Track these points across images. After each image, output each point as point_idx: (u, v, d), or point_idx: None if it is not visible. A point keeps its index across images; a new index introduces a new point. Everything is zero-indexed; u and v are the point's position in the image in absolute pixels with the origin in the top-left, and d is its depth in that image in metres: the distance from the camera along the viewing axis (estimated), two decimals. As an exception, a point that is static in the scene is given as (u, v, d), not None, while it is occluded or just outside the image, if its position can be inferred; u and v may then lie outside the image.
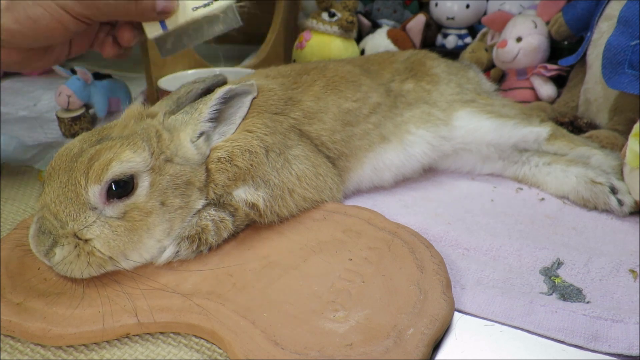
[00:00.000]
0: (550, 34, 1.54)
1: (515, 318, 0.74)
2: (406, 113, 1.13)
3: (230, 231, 0.87)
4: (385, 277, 0.78)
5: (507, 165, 1.20)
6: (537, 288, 0.82)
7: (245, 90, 0.94)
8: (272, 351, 0.64)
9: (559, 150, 1.17)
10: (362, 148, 1.08)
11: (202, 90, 0.97)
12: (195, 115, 0.89)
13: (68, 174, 0.76)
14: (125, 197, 0.77)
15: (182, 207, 0.84)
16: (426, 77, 1.21)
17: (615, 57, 1.12)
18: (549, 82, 1.52)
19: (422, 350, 0.65)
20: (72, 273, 0.74)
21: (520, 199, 1.12)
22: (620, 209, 1.02)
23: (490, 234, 0.96)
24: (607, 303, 0.78)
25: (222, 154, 0.89)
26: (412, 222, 0.98)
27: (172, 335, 0.72)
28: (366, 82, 1.13)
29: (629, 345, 0.69)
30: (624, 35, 1.11)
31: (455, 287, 0.80)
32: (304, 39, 1.78)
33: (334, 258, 0.83)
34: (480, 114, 1.15)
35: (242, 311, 0.71)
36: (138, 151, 0.78)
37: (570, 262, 0.87)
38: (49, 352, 0.69)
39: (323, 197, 0.98)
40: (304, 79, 1.09)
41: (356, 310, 0.71)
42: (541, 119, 1.23)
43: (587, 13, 1.41)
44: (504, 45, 1.54)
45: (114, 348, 0.70)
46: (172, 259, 0.81)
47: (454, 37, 1.87)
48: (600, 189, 1.04)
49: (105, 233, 0.75)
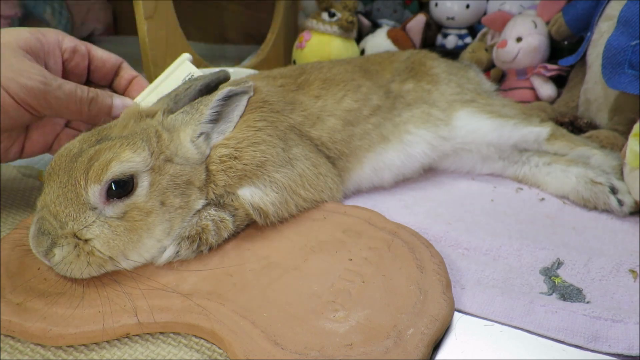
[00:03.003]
0: (550, 34, 1.54)
1: (515, 318, 0.74)
2: (406, 113, 1.13)
3: (231, 231, 0.87)
4: (385, 277, 0.78)
5: (507, 165, 1.20)
6: (537, 288, 0.82)
7: (244, 90, 0.94)
8: (272, 351, 0.64)
9: (559, 150, 1.17)
10: (362, 148, 1.08)
11: (201, 87, 0.96)
12: (195, 116, 0.89)
13: (68, 174, 0.76)
14: (125, 197, 0.77)
15: (182, 207, 0.84)
16: (426, 77, 1.21)
17: (615, 57, 1.12)
18: (549, 82, 1.52)
19: (422, 350, 0.65)
20: (72, 273, 0.74)
21: (520, 199, 1.12)
22: (620, 209, 1.02)
23: (490, 234, 0.96)
24: (607, 303, 0.78)
25: (225, 151, 0.89)
26: (412, 222, 0.98)
27: (172, 335, 0.72)
28: (366, 83, 1.13)
29: (629, 345, 0.69)
30: (624, 35, 1.11)
31: (455, 287, 0.80)
32: (304, 39, 1.78)
33: (334, 258, 0.83)
34: (481, 114, 1.15)
35: (242, 311, 0.71)
36: (138, 151, 0.78)
37: (570, 262, 0.87)
38: (49, 352, 0.69)
39: (323, 197, 0.98)
40: (304, 79, 1.09)
41: (356, 310, 0.71)
42: (541, 119, 1.23)
43: (587, 13, 1.41)
44: (504, 45, 1.54)
45: (114, 348, 0.70)
46: (172, 259, 0.81)
47: (454, 37, 1.87)
48: (600, 189, 1.04)
49: (105, 233, 0.75)
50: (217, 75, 0.99)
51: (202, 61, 1.62)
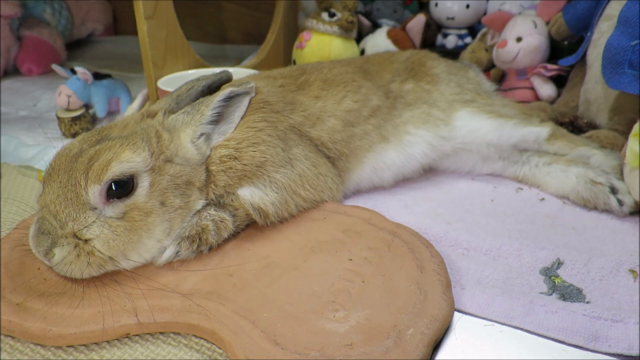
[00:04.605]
0: (550, 34, 1.54)
1: (515, 318, 0.74)
2: (406, 113, 1.13)
3: (231, 231, 0.87)
4: (385, 277, 0.78)
5: (507, 165, 1.20)
6: (537, 288, 0.82)
7: (245, 91, 0.94)
8: (272, 351, 0.64)
9: (559, 150, 1.17)
10: (362, 148, 1.08)
11: (203, 88, 0.96)
12: (196, 116, 0.89)
13: (68, 174, 0.76)
14: (125, 197, 0.77)
15: (182, 207, 0.84)
16: (426, 77, 1.21)
17: (615, 57, 1.12)
18: (549, 82, 1.52)
19: (422, 350, 0.65)
20: (72, 273, 0.74)
21: (520, 199, 1.12)
22: (620, 209, 1.02)
23: (490, 234, 0.96)
24: (607, 303, 0.78)
25: (226, 152, 0.89)
26: (412, 222, 0.98)
27: (172, 335, 0.72)
28: (366, 83, 1.13)
29: (629, 345, 0.69)
30: (624, 35, 1.11)
31: (455, 287, 0.80)
32: (304, 39, 1.78)
33: (334, 258, 0.83)
34: (481, 114, 1.15)
35: (242, 311, 0.71)
36: (138, 151, 0.78)
37: (570, 262, 0.87)
38: (49, 352, 0.69)
39: (323, 197, 0.98)
40: (304, 80, 1.09)
41: (356, 310, 0.71)
42: (541, 119, 1.23)
43: (587, 13, 1.41)
44: (504, 45, 1.54)
45: (114, 348, 0.70)
46: (172, 259, 0.81)
47: (454, 37, 1.87)
48: (600, 189, 1.04)
49: (105, 233, 0.75)
50: (220, 76, 0.99)
51: (202, 61, 1.62)
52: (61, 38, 2.38)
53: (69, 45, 2.52)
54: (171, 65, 1.50)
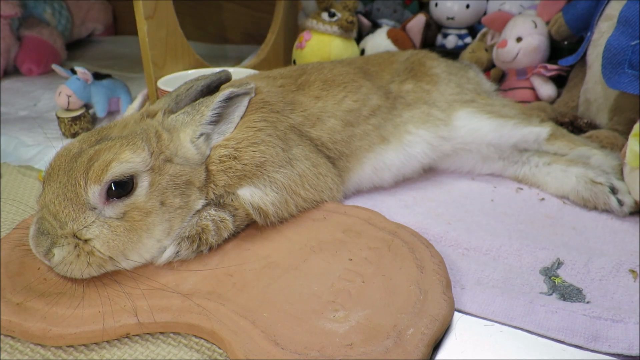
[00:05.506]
0: (550, 34, 1.54)
1: (515, 318, 0.74)
2: (406, 113, 1.13)
3: (231, 231, 0.87)
4: (385, 277, 0.78)
5: (507, 165, 1.20)
6: (537, 288, 0.82)
7: (245, 91, 0.94)
8: (272, 351, 0.64)
9: (559, 150, 1.17)
10: (362, 148, 1.08)
11: (202, 87, 0.96)
12: (196, 116, 0.89)
13: (67, 174, 0.76)
14: (124, 197, 0.77)
15: (182, 207, 0.84)
16: (426, 77, 1.21)
17: (615, 57, 1.12)
18: (549, 82, 1.52)
19: (422, 350, 0.65)
20: (72, 273, 0.74)
21: (520, 199, 1.12)
22: (620, 209, 1.02)
23: (490, 234, 0.96)
24: (607, 303, 0.78)
25: (225, 151, 0.89)
26: (412, 222, 0.98)
27: (172, 335, 0.72)
28: (366, 83, 1.13)
29: (629, 345, 0.69)
30: (624, 35, 1.11)
31: (455, 287, 0.80)
32: (304, 39, 1.78)
33: (334, 258, 0.83)
34: (481, 114, 1.15)
35: (242, 311, 0.71)
36: (137, 151, 0.78)
37: (570, 262, 0.87)
38: (49, 352, 0.69)
39: (323, 197, 0.98)
40: (304, 80, 1.09)
41: (356, 310, 0.71)
42: (541, 119, 1.23)
43: (587, 13, 1.41)
44: (504, 45, 1.54)
45: (114, 348, 0.70)
46: (172, 259, 0.81)
47: (454, 37, 1.86)
48: (600, 189, 1.04)
49: (104, 233, 0.75)
50: (219, 76, 0.99)
51: (202, 61, 1.62)
52: (61, 38, 2.38)
53: (69, 45, 2.52)
54: (171, 65, 1.50)
